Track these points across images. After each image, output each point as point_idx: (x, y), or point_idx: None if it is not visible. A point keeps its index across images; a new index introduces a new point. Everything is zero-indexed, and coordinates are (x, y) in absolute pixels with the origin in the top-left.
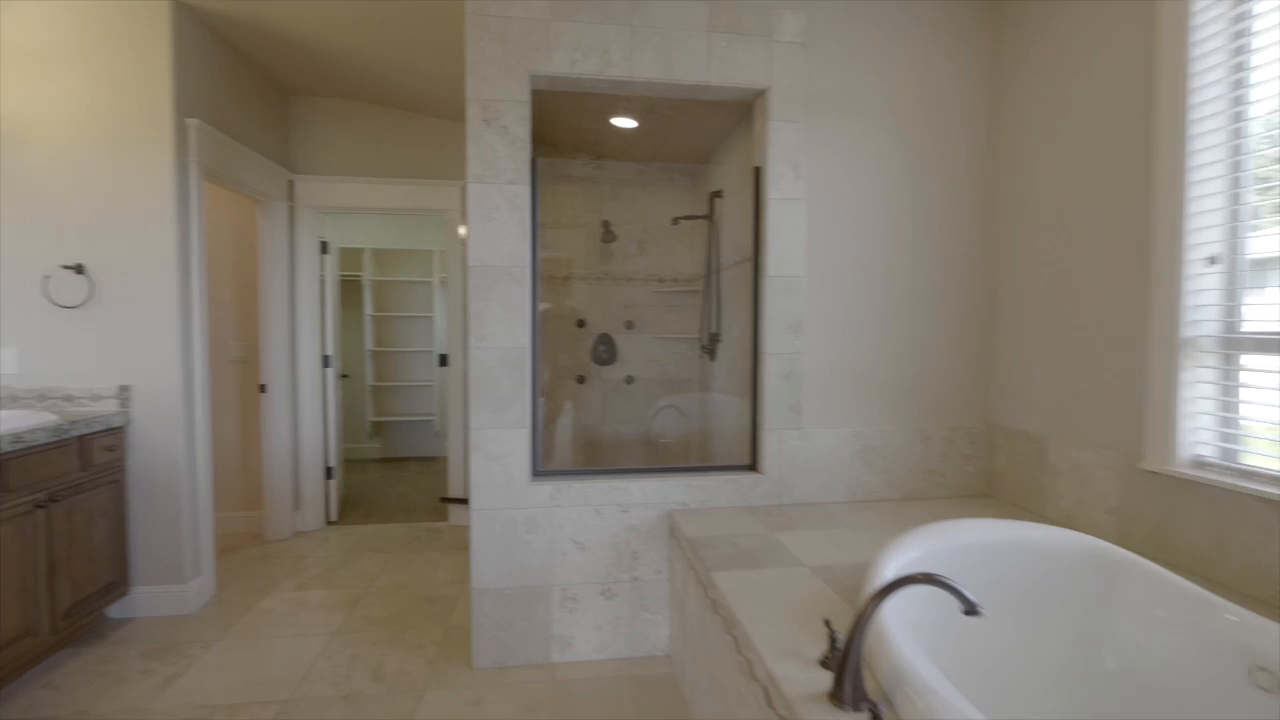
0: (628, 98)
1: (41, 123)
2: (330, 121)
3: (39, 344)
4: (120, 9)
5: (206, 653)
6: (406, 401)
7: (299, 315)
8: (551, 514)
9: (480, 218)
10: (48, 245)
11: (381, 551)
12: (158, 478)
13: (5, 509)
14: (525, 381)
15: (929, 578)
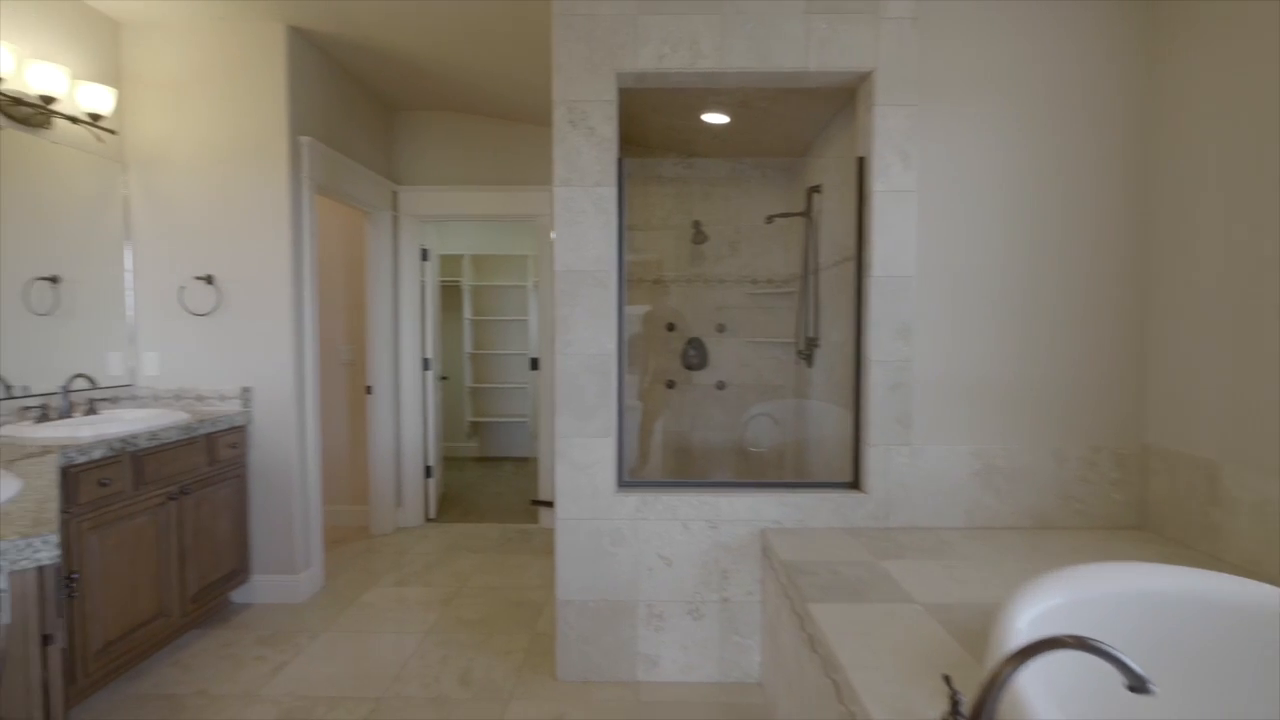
0: (719, 91)
1: (176, 146)
2: (430, 133)
3: (176, 348)
4: (241, 38)
5: (313, 643)
6: (503, 402)
7: (401, 320)
8: (637, 527)
9: (566, 222)
10: (183, 258)
11: (475, 551)
12: (274, 473)
13: (142, 500)
14: (611, 389)
15: (1081, 642)
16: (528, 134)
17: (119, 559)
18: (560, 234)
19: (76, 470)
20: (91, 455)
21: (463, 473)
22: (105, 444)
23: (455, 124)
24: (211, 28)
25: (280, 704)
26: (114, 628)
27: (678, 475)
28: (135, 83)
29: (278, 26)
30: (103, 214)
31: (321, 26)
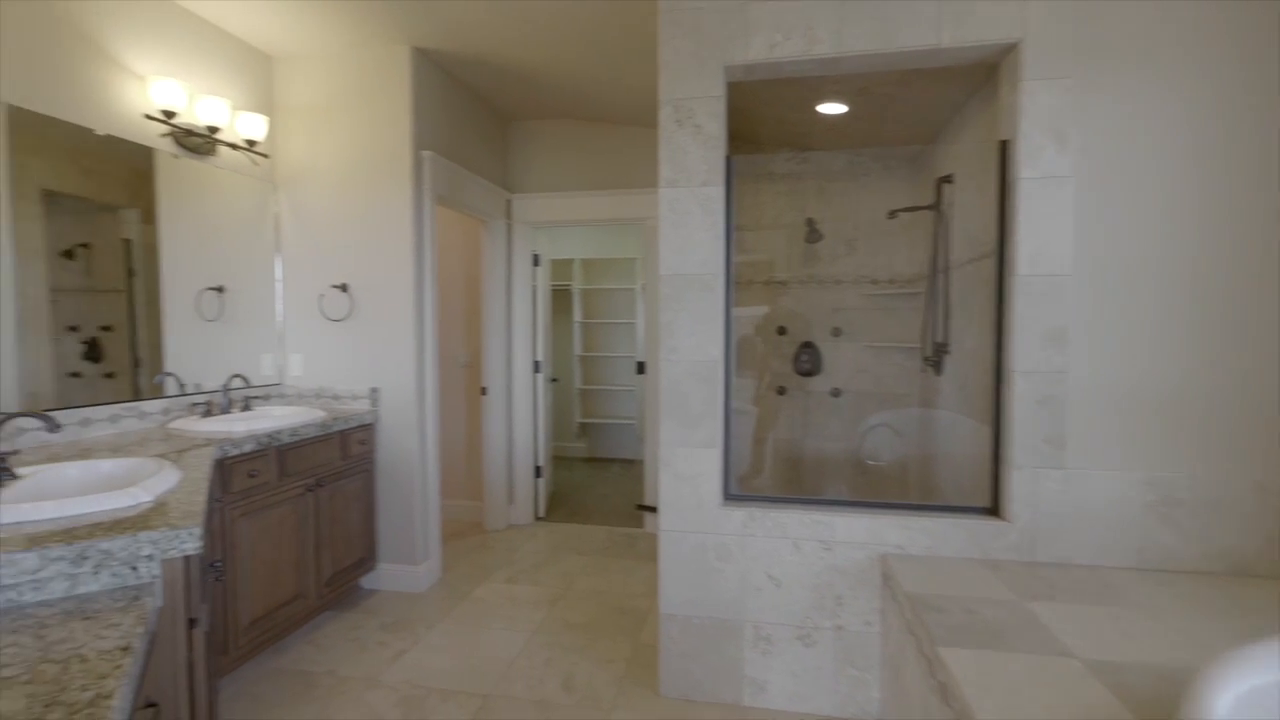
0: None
1: (317, 166)
2: (541, 141)
3: (316, 351)
4: (371, 63)
5: (429, 633)
6: (611, 404)
7: (514, 324)
8: (745, 543)
9: (671, 224)
10: (322, 268)
11: (582, 553)
12: (398, 469)
13: (285, 490)
14: (717, 397)
15: None
16: (634, 136)
17: (264, 544)
18: (665, 236)
19: (230, 462)
20: (243, 449)
21: (571, 473)
22: (254, 439)
23: (564, 131)
24: (346, 55)
25: (398, 690)
26: (259, 606)
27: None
28: (284, 110)
29: (403, 49)
30: (258, 230)
31: (442, 46)
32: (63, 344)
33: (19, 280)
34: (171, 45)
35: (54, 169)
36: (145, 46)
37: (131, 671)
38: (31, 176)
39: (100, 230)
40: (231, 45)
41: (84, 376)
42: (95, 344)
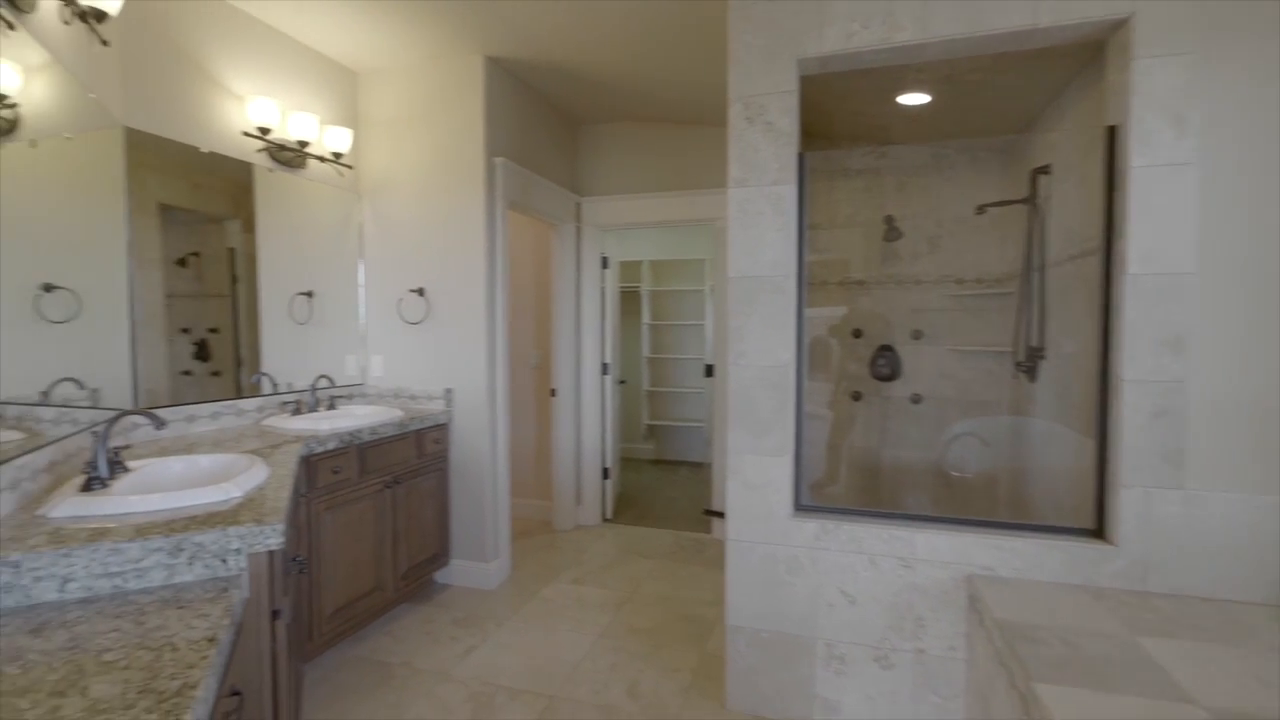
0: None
1: (396, 175)
2: (610, 144)
3: (395, 353)
4: (447, 73)
5: (499, 630)
6: (679, 407)
7: (583, 326)
8: (816, 556)
9: (741, 224)
10: (401, 273)
11: (648, 557)
12: (470, 468)
13: (365, 487)
14: (789, 404)
15: None
16: (703, 136)
17: (346, 537)
18: (734, 238)
19: (316, 459)
20: (327, 446)
21: (639, 474)
22: (337, 437)
23: (632, 133)
24: (424, 67)
25: (468, 686)
26: (341, 596)
27: (864, 500)
28: (367, 123)
29: (477, 58)
30: (343, 237)
31: (514, 53)
32: (176, 344)
33: (140, 287)
34: (267, 66)
35: (168, 185)
36: (244, 68)
37: (216, 663)
38: (150, 192)
39: (208, 240)
40: (321, 64)
41: (194, 374)
42: (204, 345)
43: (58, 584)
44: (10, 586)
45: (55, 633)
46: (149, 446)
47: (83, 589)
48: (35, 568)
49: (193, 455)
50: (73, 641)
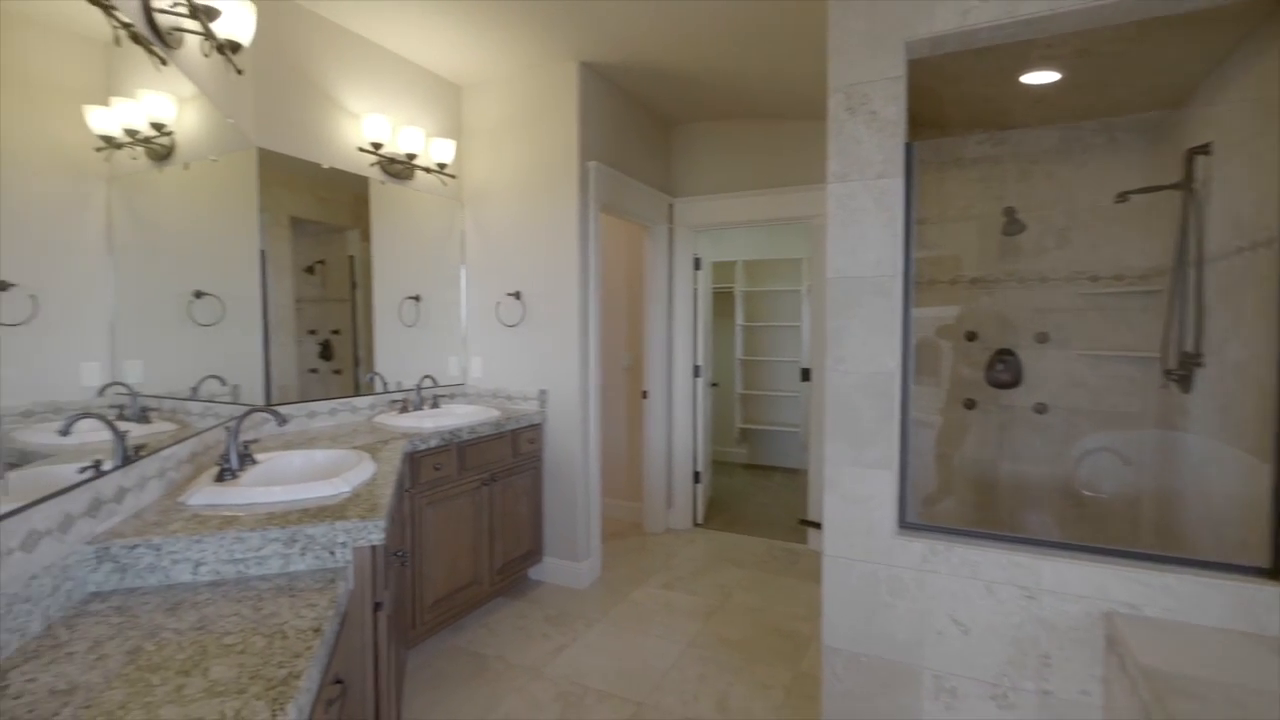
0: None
1: (495, 182)
2: (703, 144)
3: (493, 354)
4: (543, 81)
5: (589, 631)
6: (773, 410)
7: (675, 328)
8: (923, 579)
9: (840, 222)
10: (499, 277)
11: (740, 565)
12: (562, 468)
13: (463, 484)
14: (893, 413)
15: None
16: (799, 131)
17: (446, 531)
18: (833, 236)
19: (419, 456)
20: (429, 444)
21: (731, 479)
22: (439, 435)
23: (726, 131)
24: (522, 77)
25: (557, 685)
26: (441, 587)
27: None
28: (469, 133)
29: (571, 65)
30: (446, 244)
31: (607, 58)
32: (304, 345)
33: (274, 292)
34: (380, 84)
35: (298, 200)
36: (359, 88)
37: (320, 654)
38: (283, 206)
39: (332, 249)
40: (428, 80)
41: (319, 372)
42: (328, 345)
43: (191, 567)
44: (153, 567)
45: (187, 613)
46: (276, 440)
47: (212, 572)
48: (173, 551)
49: (310, 450)
50: (201, 622)
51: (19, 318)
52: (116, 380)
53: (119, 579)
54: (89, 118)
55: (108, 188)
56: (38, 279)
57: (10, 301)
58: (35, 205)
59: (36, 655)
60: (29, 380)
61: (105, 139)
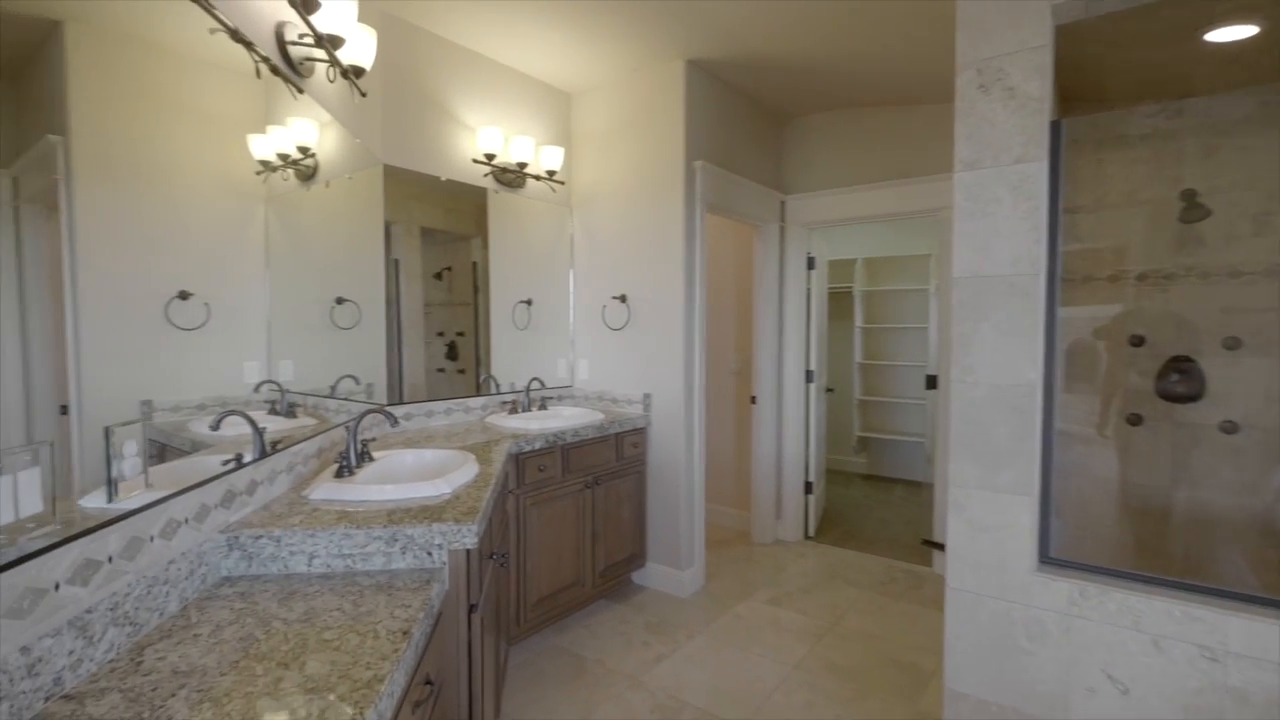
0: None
1: (601, 187)
2: (817, 137)
3: (599, 357)
4: (649, 83)
5: (689, 643)
6: (895, 419)
7: (785, 331)
8: (1070, 625)
9: (968, 214)
10: (605, 280)
11: (855, 585)
12: (665, 473)
13: (567, 485)
14: (1033, 431)
15: None
16: (928, 116)
17: (549, 532)
18: (961, 230)
19: (524, 457)
20: (534, 446)
21: (847, 490)
22: (544, 437)
23: (842, 122)
24: (628, 80)
25: (654, 696)
26: (545, 586)
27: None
28: (578, 139)
29: (677, 64)
30: (556, 249)
31: (714, 54)
32: (432, 346)
33: (405, 297)
34: (492, 96)
35: (427, 211)
36: (472, 101)
37: (406, 658)
38: (414, 218)
39: (457, 256)
40: (538, 89)
41: (445, 372)
42: (453, 346)
43: (306, 559)
44: (274, 557)
45: (297, 604)
46: (398, 437)
47: (323, 565)
48: (291, 544)
49: (421, 449)
50: (308, 615)
51: (195, 323)
52: (270, 379)
53: (246, 566)
54: (251, 145)
55: (265, 207)
56: (210, 289)
57: (189, 309)
58: (209, 224)
59: (169, 634)
60: (202, 377)
61: (263, 163)
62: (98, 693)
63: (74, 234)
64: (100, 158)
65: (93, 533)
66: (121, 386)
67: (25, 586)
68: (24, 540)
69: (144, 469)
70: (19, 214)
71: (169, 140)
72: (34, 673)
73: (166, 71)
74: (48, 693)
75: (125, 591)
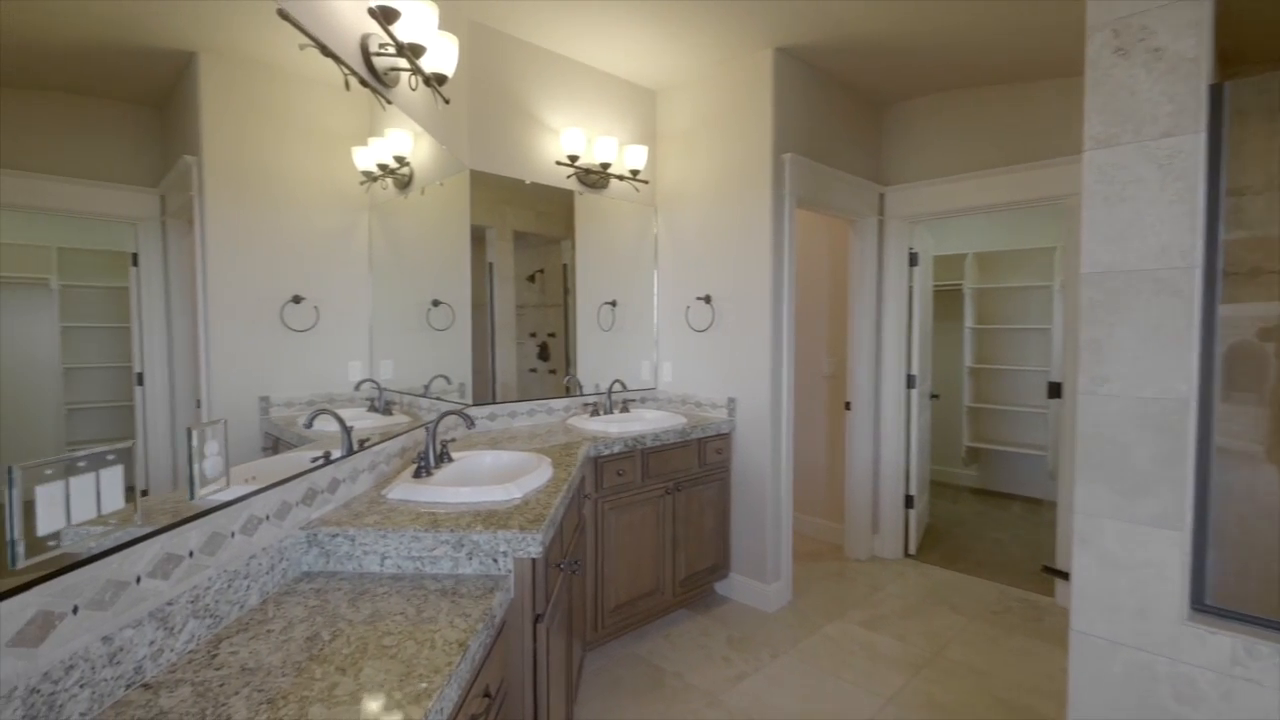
0: None
1: (687, 184)
2: (922, 122)
3: (682, 360)
4: (735, 76)
5: (773, 662)
6: (1012, 429)
7: (884, 332)
8: (1232, 688)
9: (1101, 199)
10: (689, 281)
11: (960, 612)
12: (751, 481)
13: (646, 491)
14: (1184, 455)
15: None
16: (1045, 94)
17: (628, 537)
18: (1091, 219)
19: (603, 460)
20: (613, 449)
21: (955, 505)
22: (623, 440)
23: (950, 105)
24: (714, 74)
25: (734, 717)
26: (623, 593)
27: None
28: (662, 137)
29: (765, 53)
30: (639, 249)
31: (805, 40)
32: (524, 346)
33: (499, 299)
34: (575, 98)
35: (520, 215)
36: (556, 103)
37: (461, 671)
38: (507, 222)
39: (549, 258)
40: (621, 88)
41: (537, 372)
42: (545, 347)
43: (378, 559)
44: (349, 555)
45: (365, 604)
46: (483, 436)
47: (394, 566)
48: (364, 543)
49: (499, 451)
50: (373, 617)
51: (306, 324)
52: (370, 377)
53: (324, 562)
54: (355, 157)
55: (368, 215)
56: (319, 293)
57: (301, 312)
58: (319, 233)
59: (246, 628)
60: (312, 376)
61: (365, 173)
62: (173, 684)
63: (205, 244)
64: (227, 174)
65: (173, 529)
66: (243, 383)
67: (106, 579)
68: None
69: (225, 467)
70: (165, 228)
71: (285, 156)
72: (115, 661)
73: (283, 92)
74: (129, 681)
75: (206, 585)
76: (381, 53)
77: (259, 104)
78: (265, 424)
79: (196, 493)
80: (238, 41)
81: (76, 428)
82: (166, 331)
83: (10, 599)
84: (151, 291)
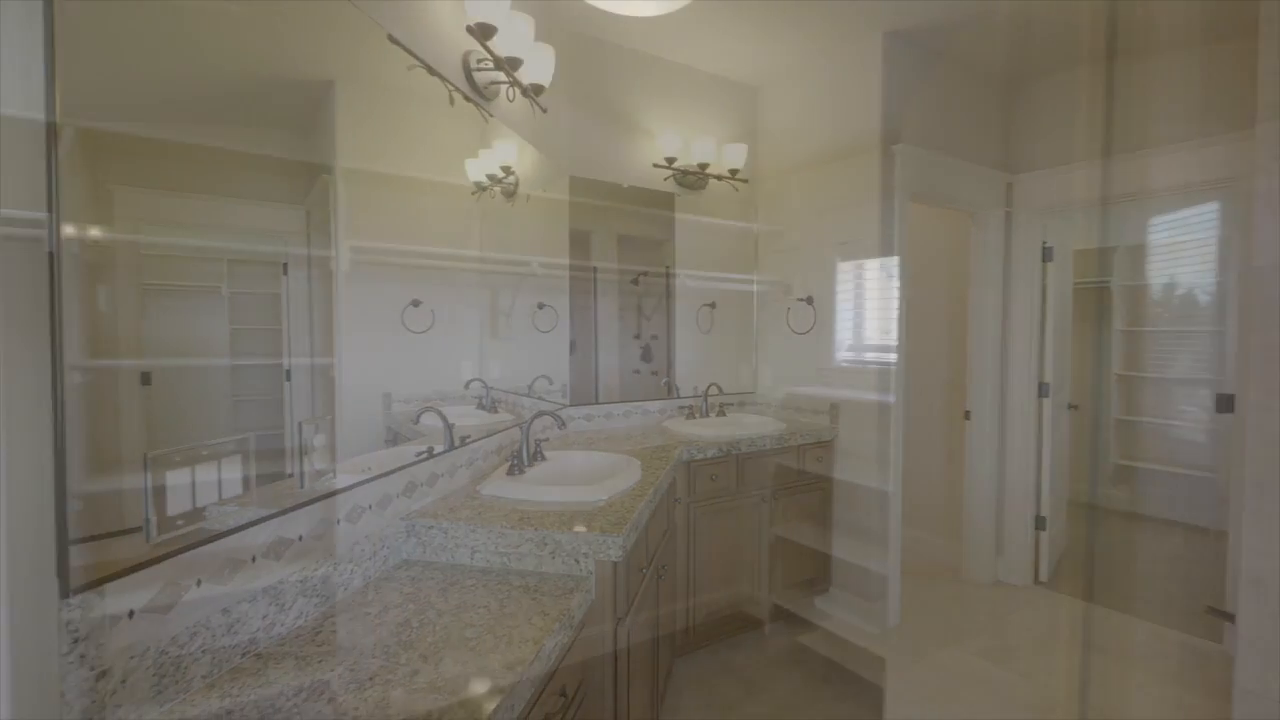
0: None
1: (789, 181)
2: (1056, 102)
3: (783, 363)
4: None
5: (874, 688)
6: (1170, 446)
7: (1011, 336)
8: None
9: None
10: (790, 281)
11: (1103, 651)
12: (855, 492)
13: (741, 497)
14: None
15: None
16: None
17: (720, 544)
18: (1266, 202)
19: (696, 464)
20: (707, 454)
21: (1102, 529)
22: (717, 445)
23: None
24: (817, 65)
25: None
26: (715, 600)
27: None
28: (762, 135)
29: (874, 38)
30: (739, 250)
31: (919, 19)
32: (627, 349)
33: (604, 302)
34: (672, 100)
35: (624, 219)
36: (652, 105)
37: (532, 673)
38: (612, 227)
39: (652, 261)
40: (719, 85)
41: (640, 373)
42: (648, 349)
43: (469, 552)
44: (443, 546)
45: (453, 595)
46: (578, 436)
47: (483, 559)
48: (456, 536)
49: (591, 452)
50: (459, 607)
51: (423, 327)
52: (478, 377)
53: (421, 552)
54: (467, 169)
55: (480, 223)
56: (435, 297)
57: (419, 315)
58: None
59: (349, 608)
60: (428, 374)
61: (476, 184)
62: (280, 656)
63: (339, 253)
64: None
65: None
66: (370, 380)
67: (226, 558)
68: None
69: (332, 459)
70: (310, 240)
71: (408, 170)
72: (233, 631)
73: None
74: (244, 649)
75: (315, 567)
76: (481, 68)
77: (384, 124)
78: (388, 418)
79: (305, 482)
80: (365, 68)
81: (241, 418)
82: (309, 333)
83: (143, 570)
84: (297, 297)
